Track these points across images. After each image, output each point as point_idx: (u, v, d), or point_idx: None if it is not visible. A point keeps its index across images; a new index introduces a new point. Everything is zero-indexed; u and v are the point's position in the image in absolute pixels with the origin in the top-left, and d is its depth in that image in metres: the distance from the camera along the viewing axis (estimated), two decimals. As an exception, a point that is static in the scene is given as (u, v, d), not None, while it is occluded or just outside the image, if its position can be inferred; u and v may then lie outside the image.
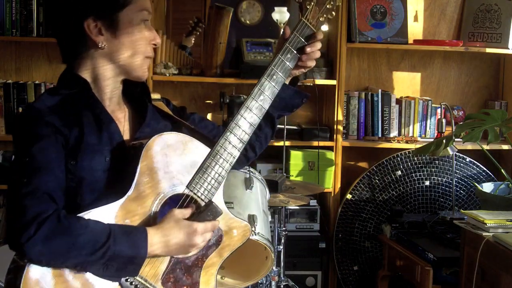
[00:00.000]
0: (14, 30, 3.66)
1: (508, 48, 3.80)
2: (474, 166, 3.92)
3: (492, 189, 3.47)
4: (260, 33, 3.95)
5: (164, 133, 1.66)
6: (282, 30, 1.83)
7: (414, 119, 3.95)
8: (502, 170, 3.41)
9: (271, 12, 3.87)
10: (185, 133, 1.75)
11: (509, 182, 3.45)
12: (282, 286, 3.29)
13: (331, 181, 3.84)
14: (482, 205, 3.39)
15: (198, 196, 1.68)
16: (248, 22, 4.01)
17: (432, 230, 3.37)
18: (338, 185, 3.87)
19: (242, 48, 3.77)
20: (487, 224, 2.71)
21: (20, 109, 3.69)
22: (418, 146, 3.69)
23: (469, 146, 3.78)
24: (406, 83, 4.12)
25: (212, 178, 1.69)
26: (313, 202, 3.85)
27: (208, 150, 1.70)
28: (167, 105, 1.88)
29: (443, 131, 3.56)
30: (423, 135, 3.97)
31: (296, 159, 3.82)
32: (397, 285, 3.74)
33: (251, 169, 2.64)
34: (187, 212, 1.66)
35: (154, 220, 1.62)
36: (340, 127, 3.83)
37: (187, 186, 1.67)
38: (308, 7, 1.77)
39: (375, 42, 3.86)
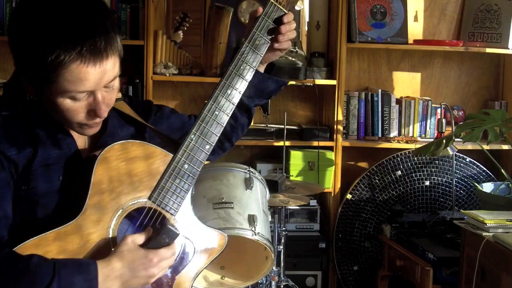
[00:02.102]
0: (14, 30, 3.65)
1: (508, 48, 3.79)
2: (474, 166, 3.92)
3: (492, 189, 3.47)
4: (260, 33, 3.95)
5: (118, 142, 1.50)
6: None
7: (414, 119, 3.95)
8: (502, 170, 3.41)
9: (271, 12, 3.87)
10: (149, 135, 1.63)
11: (509, 182, 3.45)
12: (282, 286, 3.28)
13: (331, 181, 3.84)
14: (482, 205, 3.38)
15: (163, 208, 1.53)
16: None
17: (432, 230, 3.37)
18: (338, 185, 3.87)
19: (242, 48, 3.76)
20: (487, 224, 2.71)
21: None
22: (418, 146, 3.69)
23: (469, 146, 3.78)
24: (406, 83, 4.11)
25: (178, 186, 1.53)
26: (313, 202, 3.85)
27: (170, 155, 1.54)
28: (130, 104, 1.69)
29: (443, 131, 3.56)
30: (423, 135, 3.97)
31: (296, 159, 3.82)
32: (397, 285, 3.74)
33: (251, 169, 2.64)
34: (141, 238, 1.49)
35: (113, 240, 1.49)
36: (340, 127, 3.83)
37: (149, 198, 1.51)
38: None
39: (375, 42, 3.86)
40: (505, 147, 3.82)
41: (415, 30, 4.04)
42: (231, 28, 3.73)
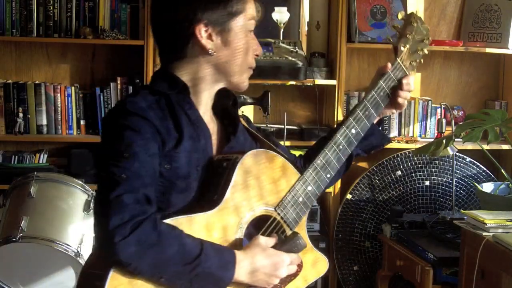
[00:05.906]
0: (14, 30, 3.66)
1: (508, 48, 3.79)
2: (474, 166, 3.92)
3: (492, 189, 3.47)
4: (260, 33, 3.93)
5: (259, 149, 1.63)
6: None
7: (414, 119, 3.95)
8: (502, 170, 3.41)
9: (271, 12, 3.87)
10: None
11: (509, 182, 3.45)
12: (282, 286, 3.28)
13: (331, 181, 3.84)
14: (482, 205, 3.38)
15: (285, 221, 1.64)
16: (248, 22, 4.00)
17: (432, 230, 3.37)
18: (338, 185, 3.87)
19: (242, 48, 3.76)
20: (487, 224, 2.71)
21: (20, 109, 3.69)
22: (418, 146, 3.69)
23: (469, 146, 3.78)
24: (406, 83, 4.11)
25: (300, 204, 1.67)
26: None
27: (298, 173, 1.67)
28: (248, 123, 1.82)
29: (443, 131, 3.55)
30: (423, 135, 3.97)
31: (296, 159, 3.81)
32: (397, 285, 3.74)
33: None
34: (271, 241, 1.59)
35: (240, 239, 1.57)
36: (340, 127, 3.83)
37: (275, 209, 1.63)
38: (402, 49, 1.89)
39: (375, 42, 3.85)
40: (505, 147, 3.82)
41: (415, 30, 4.04)
42: (231, 28, 3.73)
